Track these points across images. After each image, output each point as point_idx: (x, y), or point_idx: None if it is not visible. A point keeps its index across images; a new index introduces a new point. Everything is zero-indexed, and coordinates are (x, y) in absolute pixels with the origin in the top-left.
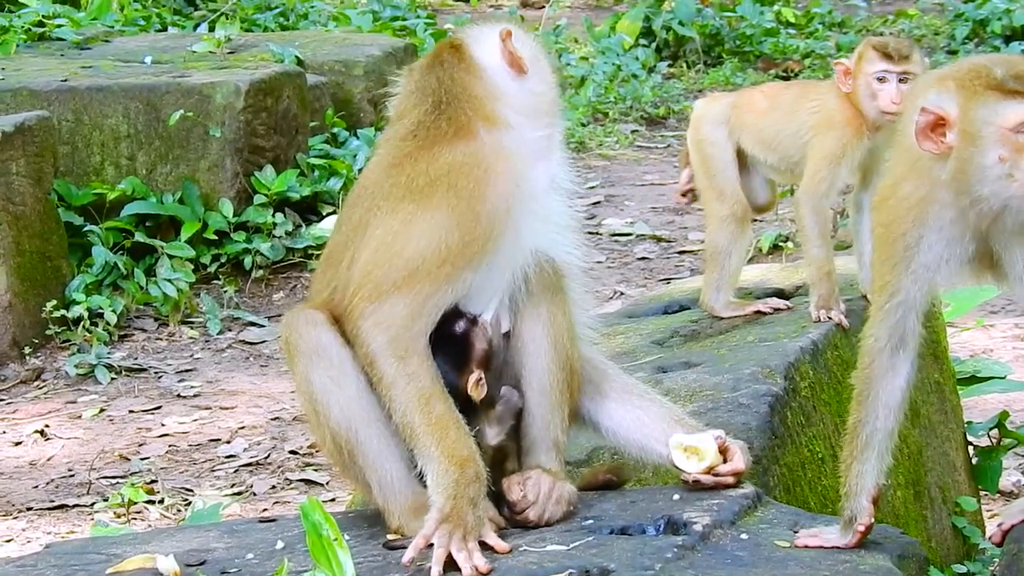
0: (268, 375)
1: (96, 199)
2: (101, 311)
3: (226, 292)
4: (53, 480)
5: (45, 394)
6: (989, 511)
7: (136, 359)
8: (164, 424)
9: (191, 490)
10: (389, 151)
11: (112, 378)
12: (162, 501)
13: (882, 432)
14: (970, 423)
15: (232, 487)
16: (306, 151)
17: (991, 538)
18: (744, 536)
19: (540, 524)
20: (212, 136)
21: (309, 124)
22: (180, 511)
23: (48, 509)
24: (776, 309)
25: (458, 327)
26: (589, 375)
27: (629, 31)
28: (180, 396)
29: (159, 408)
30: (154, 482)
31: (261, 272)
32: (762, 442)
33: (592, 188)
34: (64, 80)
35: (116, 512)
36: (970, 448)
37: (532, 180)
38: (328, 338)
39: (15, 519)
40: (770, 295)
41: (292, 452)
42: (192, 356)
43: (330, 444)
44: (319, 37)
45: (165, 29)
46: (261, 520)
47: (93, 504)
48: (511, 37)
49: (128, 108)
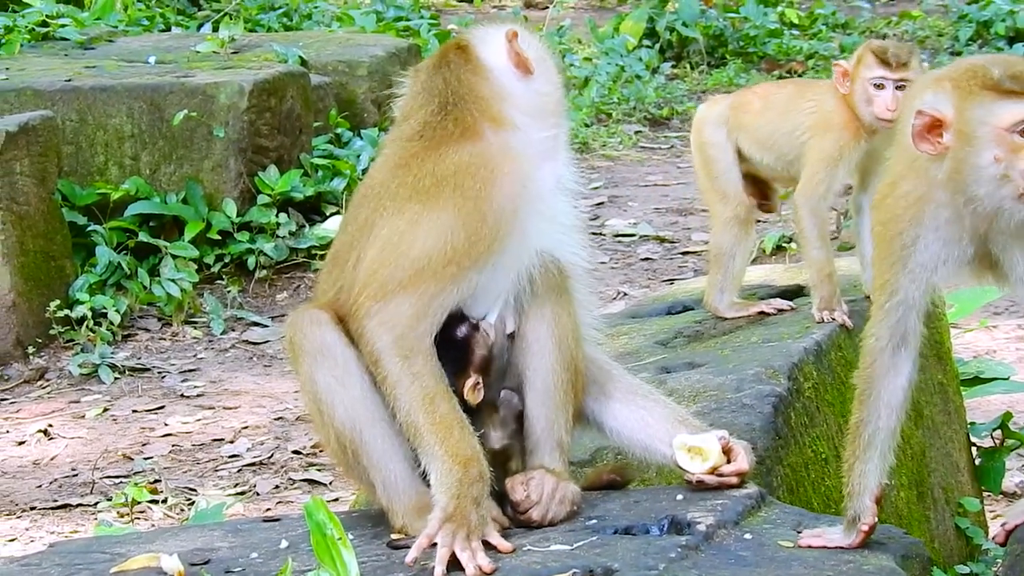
0: (271, 375)
1: (100, 199)
2: (105, 311)
3: (230, 292)
4: (56, 480)
5: (49, 394)
6: (992, 512)
7: (140, 359)
8: (167, 424)
9: (194, 490)
10: (395, 151)
11: (116, 378)
12: (165, 501)
13: (884, 431)
14: (973, 424)
15: (235, 487)
16: (310, 151)
17: (994, 538)
18: (748, 536)
19: (544, 524)
20: (216, 136)
21: (313, 124)
22: (183, 511)
23: (52, 509)
24: (780, 310)
25: (460, 331)
26: (593, 375)
27: (633, 32)
28: (183, 396)
29: (163, 408)
30: (157, 482)
31: (265, 272)
32: (766, 442)
33: (596, 189)
34: (68, 80)
35: (119, 512)
36: (973, 449)
37: (538, 181)
38: (333, 337)
39: (19, 519)
40: (774, 296)
41: (295, 452)
42: (196, 356)
43: (334, 443)
44: (323, 37)
45: (169, 29)
46: (265, 519)
47: (96, 504)
48: (517, 38)
49: (132, 108)
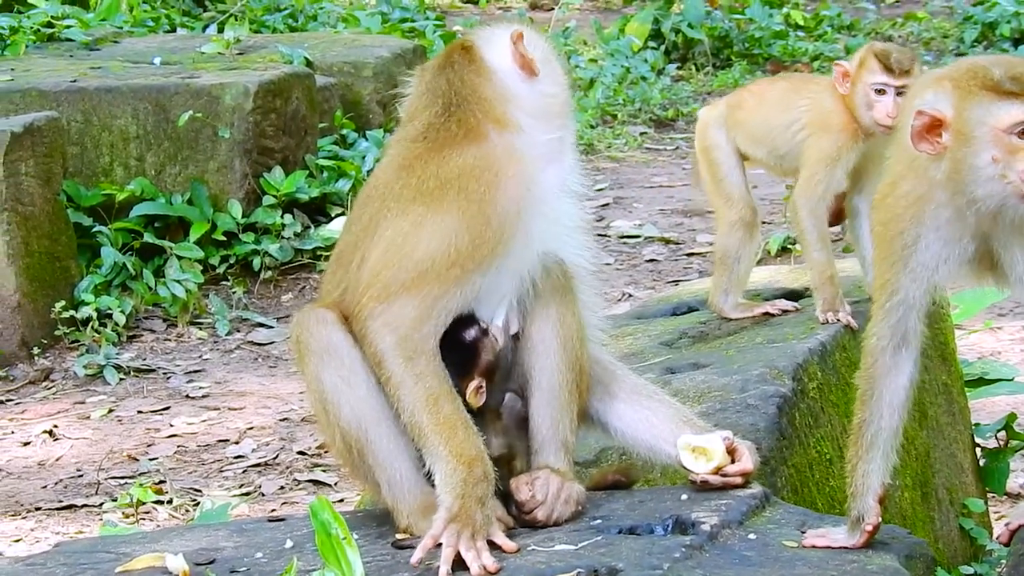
0: (277, 376)
1: (105, 200)
2: (110, 312)
3: (235, 293)
4: (62, 480)
5: (54, 394)
6: (996, 513)
7: (145, 360)
8: (173, 424)
9: (199, 490)
10: (399, 152)
11: (121, 379)
12: (171, 501)
13: (887, 431)
14: (978, 425)
15: (240, 488)
16: (315, 152)
17: (998, 538)
18: (752, 536)
19: (548, 524)
20: (221, 137)
21: (318, 125)
22: (188, 511)
23: (57, 509)
24: (784, 311)
25: (468, 335)
26: (598, 376)
27: (638, 33)
28: (189, 397)
29: (168, 409)
30: (163, 482)
31: (270, 273)
32: (770, 443)
33: (601, 190)
34: (73, 81)
35: (125, 512)
36: (977, 450)
37: (543, 183)
38: (339, 337)
39: (24, 519)
40: (778, 297)
41: (300, 453)
42: (201, 357)
43: (340, 443)
44: (328, 38)
45: (174, 30)
46: (270, 519)
47: (102, 504)
48: (522, 39)
49: (137, 109)
